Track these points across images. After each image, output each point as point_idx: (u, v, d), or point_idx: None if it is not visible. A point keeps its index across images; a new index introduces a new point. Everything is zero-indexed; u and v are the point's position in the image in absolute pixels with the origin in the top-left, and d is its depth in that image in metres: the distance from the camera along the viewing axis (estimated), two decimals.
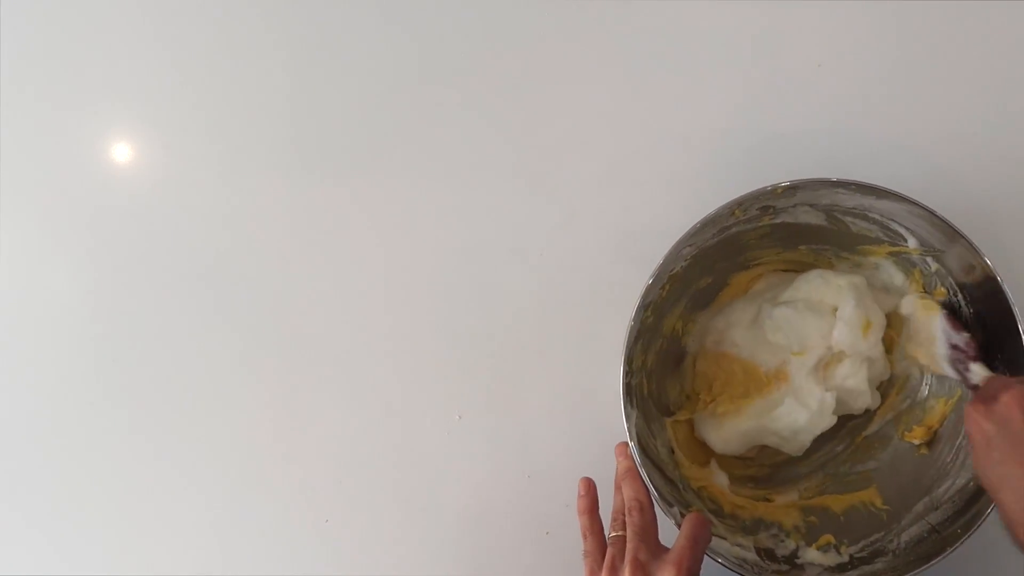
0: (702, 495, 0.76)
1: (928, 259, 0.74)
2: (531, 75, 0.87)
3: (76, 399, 0.85)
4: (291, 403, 0.83)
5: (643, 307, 0.71)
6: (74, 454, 0.84)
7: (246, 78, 0.88)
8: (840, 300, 0.76)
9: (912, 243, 0.74)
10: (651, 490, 0.69)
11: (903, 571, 0.69)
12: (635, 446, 0.70)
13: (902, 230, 0.74)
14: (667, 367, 0.80)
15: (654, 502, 0.69)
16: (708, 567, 0.65)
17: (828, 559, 0.73)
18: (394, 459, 0.82)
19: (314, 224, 0.85)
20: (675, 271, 0.74)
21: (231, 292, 0.85)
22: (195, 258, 0.86)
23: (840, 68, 0.85)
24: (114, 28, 0.89)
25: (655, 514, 0.68)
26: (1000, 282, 0.69)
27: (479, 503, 0.81)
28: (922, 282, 0.76)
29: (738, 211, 0.72)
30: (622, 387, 0.70)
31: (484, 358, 0.83)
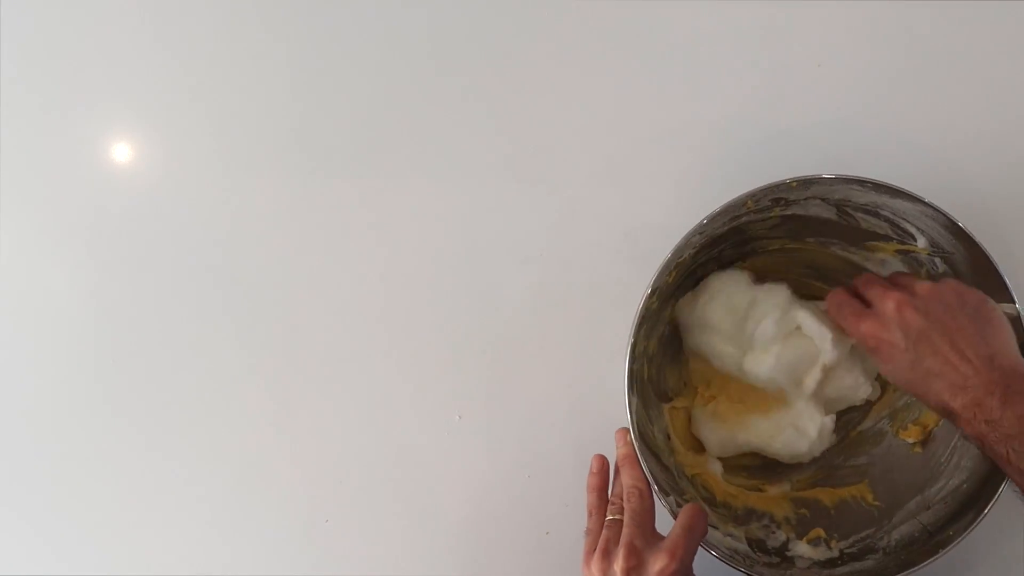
0: (696, 482, 0.77)
1: (937, 259, 0.74)
2: (533, 72, 0.86)
3: (75, 399, 0.84)
4: (291, 403, 0.83)
5: (650, 292, 0.71)
6: (73, 454, 0.84)
7: (246, 79, 0.87)
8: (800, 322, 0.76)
9: (922, 243, 0.74)
10: (649, 477, 0.69)
11: (893, 571, 0.69)
12: (634, 432, 0.70)
13: (912, 229, 0.73)
14: (668, 354, 0.80)
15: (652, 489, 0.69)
16: (700, 559, 0.65)
17: (818, 553, 0.74)
18: (394, 459, 0.82)
19: (314, 224, 0.85)
20: (682, 258, 0.73)
21: (231, 292, 0.85)
22: (195, 258, 0.85)
23: (841, 66, 0.84)
24: (114, 28, 0.88)
25: (653, 501, 0.68)
26: (1010, 289, 0.69)
27: (479, 503, 0.81)
28: None
29: (750, 202, 0.71)
30: (627, 371, 0.69)
31: (484, 358, 0.83)
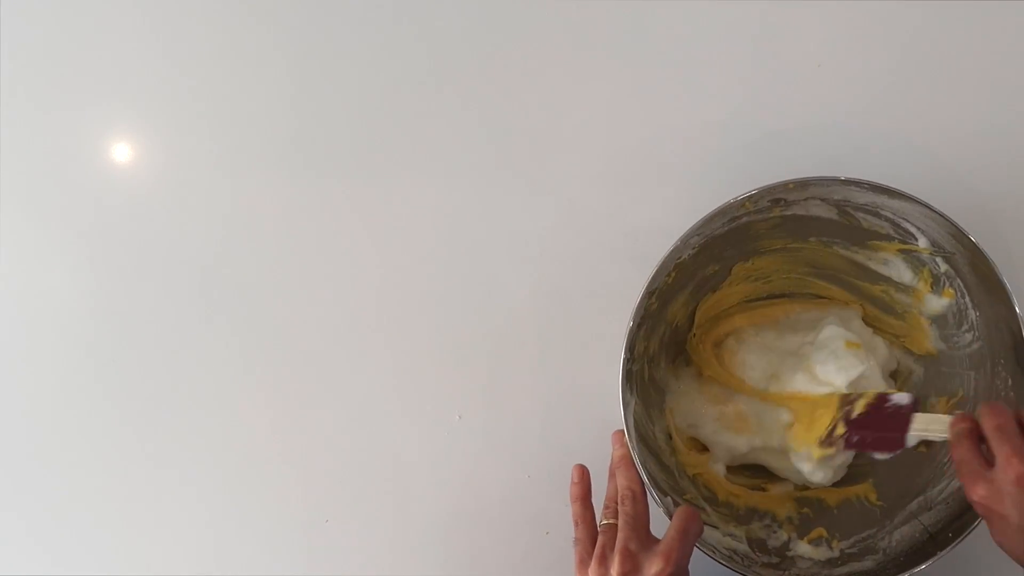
0: (697, 482, 0.77)
1: (938, 259, 0.74)
2: (530, 73, 0.86)
3: (74, 399, 0.85)
4: (291, 403, 0.84)
5: (648, 294, 0.71)
6: (72, 454, 0.84)
7: (246, 79, 0.87)
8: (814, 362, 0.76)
9: (923, 242, 0.73)
10: (644, 479, 0.69)
11: (893, 572, 0.69)
12: (632, 433, 0.70)
13: (913, 229, 0.73)
14: (669, 356, 0.80)
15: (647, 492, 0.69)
16: (697, 560, 0.65)
17: (819, 553, 0.74)
18: (394, 459, 0.82)
19: (313, 224, 0.85)
20: (682, 259, 0.73)
21: (230, 292, 0.85)
22: (194, 258, 0.86)
23: (841, 66, 0.84)
24: (114, 28, 0.88)
25: (647, 504, 0.68)
26: (1009, 290, 0.68)
27: (478, 503, 0.81)
28: (930, 281, 0.76)
29: (749, 203, 0.71)
30: (621, 372, 0.70)
31: (483, 358, 0.83)
